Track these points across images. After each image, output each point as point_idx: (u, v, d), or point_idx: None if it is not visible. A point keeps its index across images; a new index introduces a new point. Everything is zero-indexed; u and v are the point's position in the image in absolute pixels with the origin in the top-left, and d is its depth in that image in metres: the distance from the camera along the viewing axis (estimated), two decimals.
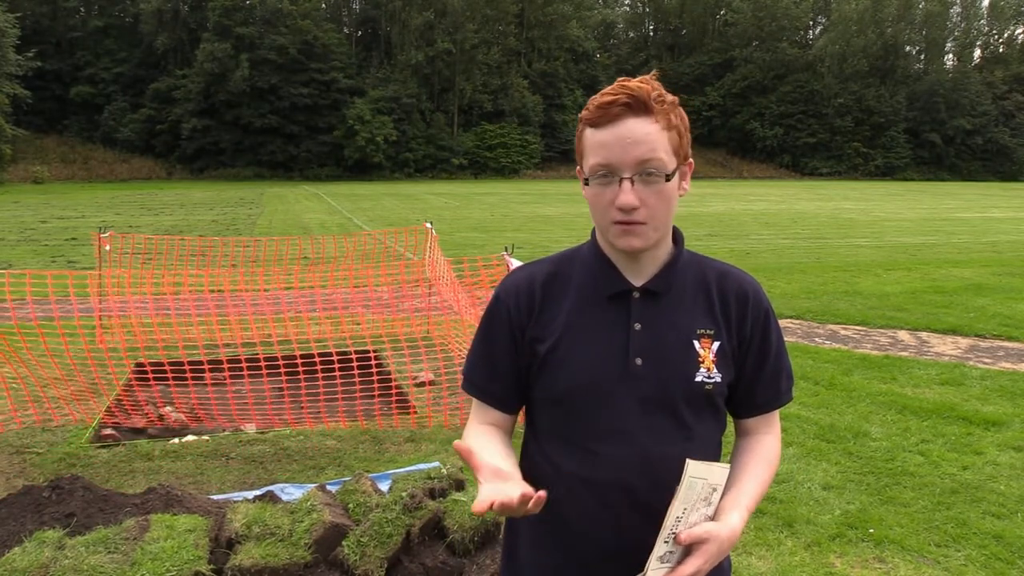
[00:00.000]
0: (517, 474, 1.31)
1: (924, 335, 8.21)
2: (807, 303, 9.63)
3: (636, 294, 1.41)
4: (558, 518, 1.41)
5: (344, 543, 2.91)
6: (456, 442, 1.26)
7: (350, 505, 3.16)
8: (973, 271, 12.78)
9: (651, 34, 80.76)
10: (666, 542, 1.26)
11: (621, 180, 1.31)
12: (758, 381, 1.48)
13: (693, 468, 1.24)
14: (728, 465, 1.34)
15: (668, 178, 1.32)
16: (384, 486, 3.52)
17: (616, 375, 1.38)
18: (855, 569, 3.45)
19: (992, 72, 72.43)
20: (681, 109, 1.38)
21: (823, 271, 12.75)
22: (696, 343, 1.40)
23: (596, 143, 1.33)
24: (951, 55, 75.38)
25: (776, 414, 1.54)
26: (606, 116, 1.31)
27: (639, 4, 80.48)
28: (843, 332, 8.33)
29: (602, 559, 1.39)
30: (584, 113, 1.36)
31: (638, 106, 1.30)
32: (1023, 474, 4.49)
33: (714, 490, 1.30)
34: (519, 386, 1.49)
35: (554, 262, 1.50)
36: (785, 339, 1.80)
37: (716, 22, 77.06)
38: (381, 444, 4.98)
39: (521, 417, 1.57)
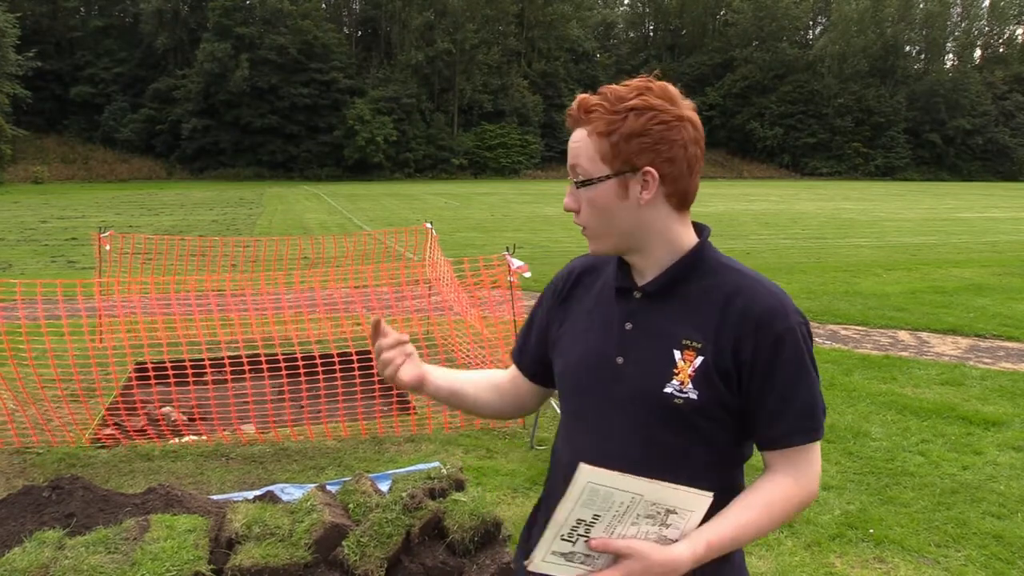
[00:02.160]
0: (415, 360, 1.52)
1: (924, 335, 8.21)
2: (807, 303, 9.63)
3: (637, 294, 1.41)
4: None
5: (344, 543, 2.91)
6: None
7: (350, 505, 3.16)
8: (973, 271, 12.78)
9: (651, 34, 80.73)
10: (567, 540, 1.23)
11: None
12: (764, 412, 1.34)
13: (588, 473, 1.19)
14: (703, 493, 1.25)
15: (583, 184, 1.37)
16: (384, 486, 3.52)
17: (597, 370, 1.41)
18: (855, 569, 3.45)
19: (992, 72, 72.40)
20: (647, 116, 1.31)
21: (823, 271, 12.75)
22: (678, 353, 1.34)
23: None
24: (951, 55, 75.36)
25: (802, 455, 1.36)
26: (568, 127, 1.42)
27: (639, 4, 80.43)
28: (843, 332, 8.33)
29: None
30: None
31: (576, 117, 1.38)
32: (1023, 474, 4.49)
33: (670, 512, 1.24)
34: (539, 353, 1.59)
35: (601, 256, 1.55)
36: None
37: (716, 22, 77.03)
38: (381, 444, 4.98)
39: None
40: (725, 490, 1.35)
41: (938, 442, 4.99)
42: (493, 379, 1.67)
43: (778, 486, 1.35)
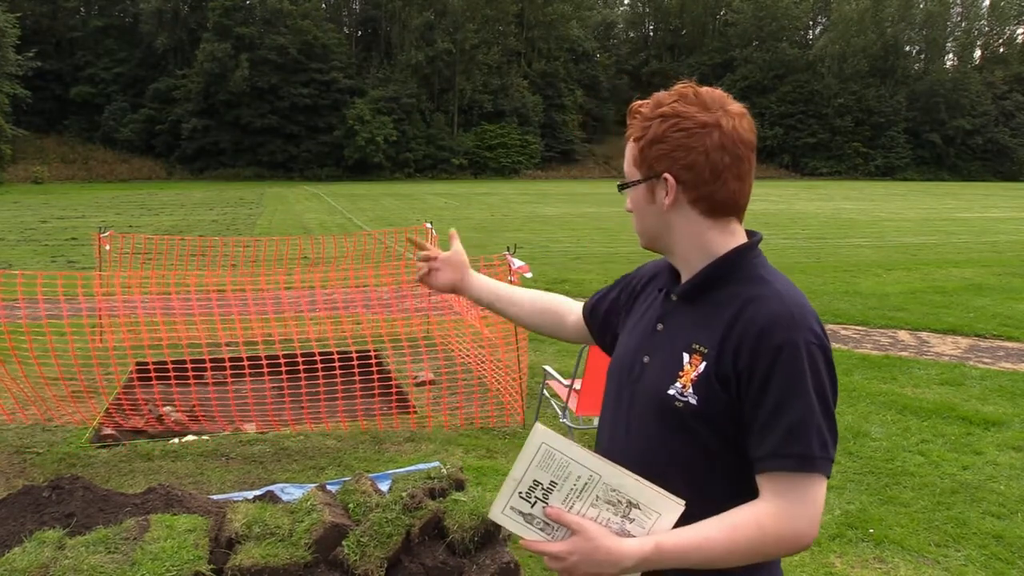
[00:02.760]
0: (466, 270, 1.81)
1: (924, 335, 8.21)
2: None
3: (673, 296, 1.44)
4: None
5: (344, 543, 2.91)
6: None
7: (350, 505, 3.16)
8: (973, 271, 12.78)
9: (651, 34, 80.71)
10: (524, 499, 1.28)
11: None
12: (754, 428, 1.27)
13: (542, 434, 1.26)
14: (675, 499, 1.23)
15: (624, 187, 1.44)
16: (384, 486, 3.52)
17: (630, 366, 1.45)
18: (855, 569, 3.45)
19: (992, 72, 72.38)
20: (670, 122, 1.34)
21: (823, 271, 12.75)
22: (686, 356, 1.34)
23: None
24: (951, 55, 75.34)
25: (797, 486, 1.24)
26: None
27: (639, 4, 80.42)
28: (843, 332, 8.33)
29: None
30: None
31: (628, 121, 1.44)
32: (1023, 474, 4.49)
33: (632, 505, 1.24)
34: (602, 313, 1.68)
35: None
36: None
37: (716, 22, 77.02)
38: (381, 444, 4.98)
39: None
40: (730, 504, 1.28)
41: (938, 442, 4.99)
42: (543, 303, 1.81)
43: (754, 511, 1.25)
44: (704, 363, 1.31)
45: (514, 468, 1.27)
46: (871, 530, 3.77)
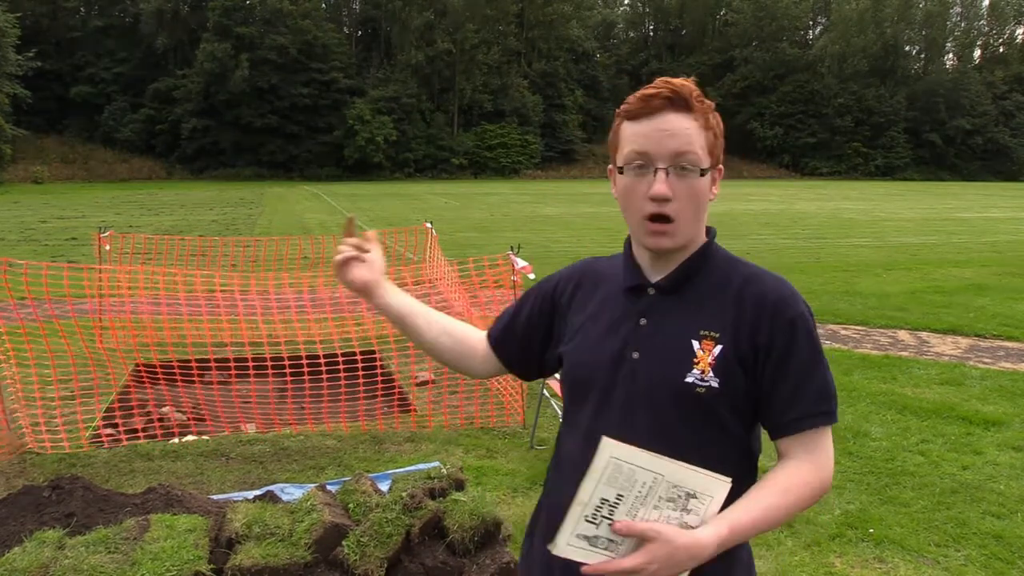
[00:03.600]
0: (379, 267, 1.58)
1: (924, 335, 8.21)
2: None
3: (651, 290, 1.42)
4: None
5: (344, 543, 2.91)
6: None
7: (350, 505, 3.16)
8: (973, 271, 12.78)
9: (651, 34, 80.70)
10: (591, 522, 1.23)
11: (656, 171, 1.34)
12: (779, 397, 1.35)
13: (612, 447, 1.20)
14: (723, 478, 1.25)
15: (702, 173, 1.35)
16: (384, 486, 3.52)
17: (612, 367, 1.40)
18: (855, 569, 3.45)
19: (992, 72, 72.39)
20: (718, 115, 1.39)
21: (823, 271, 12.75)
22: (696, 343, 1.35)
23: (633, 134, 1.36)
24: (951, 55, 75.37)
25: (817, 440, 1.37)
26: (646, 108, 1.35)
27: (639, 4, 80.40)
28: (843, 332, 8.33)
29: None
30: (623, 107, 1.39)
31: (679, 101, 1.33)
32: (1023, 474, 4.49)
33: (691, 496, 1.24)
34: (518, 337, 1.60)
35: (602, 259, 1.58)
36: None
37: (716, 22, 77.02)
38: (381, 444, 4.98)
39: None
40: (739, 482, 1.33)
41: (938, 442, 4.99)
42: (458, 331, 1.65)
43: (796, 471, 1.35)
44: (719, 347, 1.34)
45: (580, 492, 1.21)
46: (871, 530, 3.78)
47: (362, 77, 58.80)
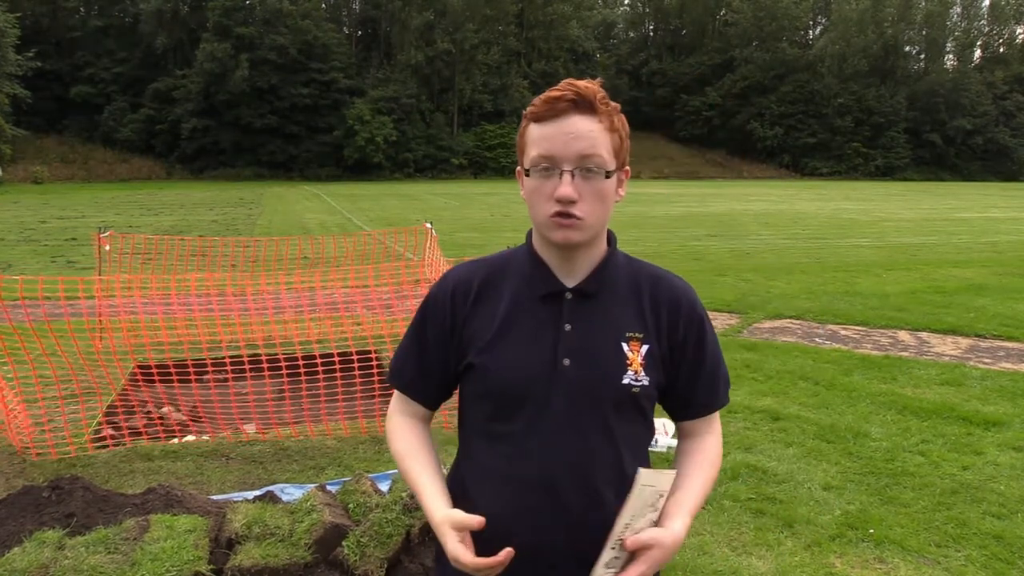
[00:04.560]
0: (447, 497, 1.43)
1: (924, 335, 8.21)
2: (807, 303, 9.63)
3: (568, 295, 1.43)
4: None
5: (344, 543, 2.91)
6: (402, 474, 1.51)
7: (350, 505, 3.16)
8: (973, 271, 12.77)
9: (651, 34, 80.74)
10: (612, 548, 1.30)
11: (562, 173, 1.34)
12: (696, 385, 1.50)
13: (645, 477, 1.28)
14: (674, 471, 1.36)
15: (607, 176, 1.36)
16: (384, 486, 3.52)
17: (545, 375, 1.39)
18: (855, 569, 3.44)
19: (992, 72, 72.41)
20: (623, 117, 1.41)
21: (823, 271, 12.75)
22: (625, 345, 1.41)
23: (539, 136, 1.36)
24: (951, 55, 75.38)
25: (716, 414, 1.56)
26: (552, 111, 1.35)
27: (639, 4, 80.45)
28: (843, 332, 8.33)
29: (518, 560, 1.33)
30: (530, 109, 1.39)
31: (584, 104, 1.35)
32: (1023, 474, 4.49)
33: (660, 496, 1.32)
34: (446, 384, 1.54)
35: (491, 263, 1.53)
36: (785, 339, 1.79)
37: (716, 22, 77.04)
38: (381, 444, 4.98)
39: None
40: (645, 462, 1.45)
41: (938, 442, 4.98)
42: (427, 433, 1.58)
43: (712, 445, 1.54)
44: (646, 346, 1.43)
45: (616, 525, 1.29)
46: (871, 530, 3.77)
47: (362, 77, 58.81)
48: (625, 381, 1.40)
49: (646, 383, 1.41)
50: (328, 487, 3.35)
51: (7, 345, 4.76)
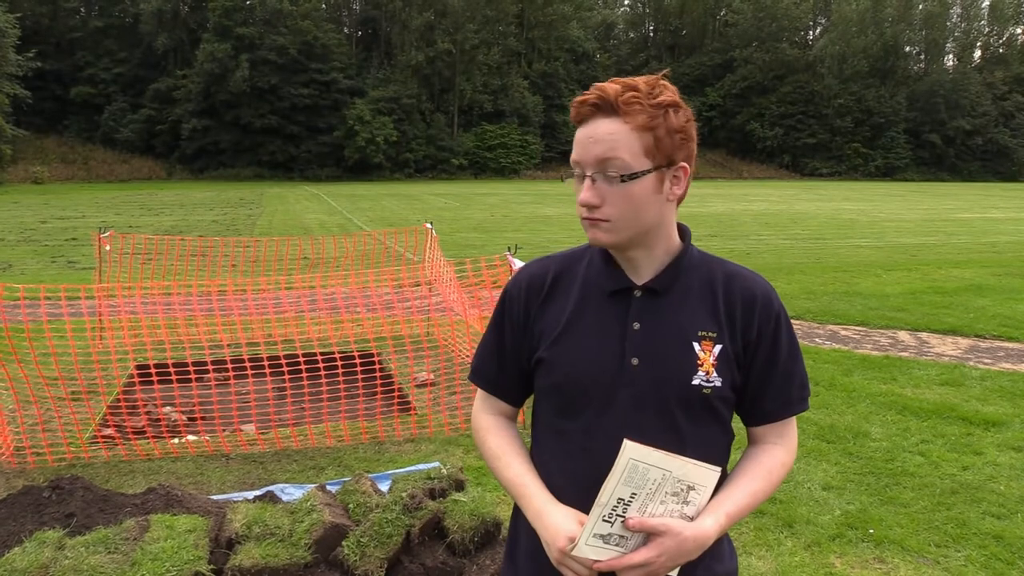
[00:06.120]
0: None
1: (924, 335, 8.21)
2: (807, 303, 9.63)
3: (638, 292, 1.41)
4: None
5: (344, 543, 2.91)
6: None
7: (350, 505, 3.16)
8: (973, 271, 12.77)
9: (651, 34, 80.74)
10: (607, 521, 1.27)
11: (584, 177, 1.36)
12: (766, 388, 1.43)
13: (632, 450, 1.24)
14: (715, 468, 1.30)
15: (630, 178, 1.32)
16: (384, 486, 3.52)
17: (611, 374, 1.38)
18: (855, 569, 3.45)
19: (992, 73, 72.39)
20: (682, 112, 1.35)
21: (823, 271, 12.75)
22: (696, 345, 1.38)
23: (574, 141, 1.38)
24: (951, 56, 75.37)
25: (790, 424, 1.48)
26: (579, 115, 1.37)
27: (639, 4, 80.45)
28: (843, 332, 8.33)
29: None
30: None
31: (605, 106, 1.34)
32: (1023, 474, 4.49)
33: (691, 488, 1.29)
34: (526, 380, 1.53)
35: (565, 258, 1.53)
36: None
37: (716, 22, 77.06)
38: (381, 444, 4.98)
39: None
40: (724, 469, 1.40)
41: (938, 442, 4.99)
42: (515, 430, 1.58)
43: (774, 455, 1.46)
44: (718, 346, 1.39)
45: (601, 494, 1.26)
46: (871, 530, 3.78)
47: (362, 77, 58.80)
48: (695, 382, 1.36)
49: (718, 384, 1.37)
50: (328, 487, 3.35)
51: (14, 344, 4.76)
